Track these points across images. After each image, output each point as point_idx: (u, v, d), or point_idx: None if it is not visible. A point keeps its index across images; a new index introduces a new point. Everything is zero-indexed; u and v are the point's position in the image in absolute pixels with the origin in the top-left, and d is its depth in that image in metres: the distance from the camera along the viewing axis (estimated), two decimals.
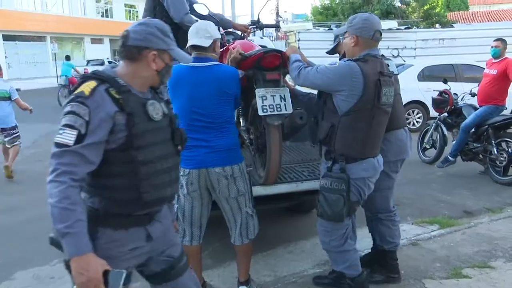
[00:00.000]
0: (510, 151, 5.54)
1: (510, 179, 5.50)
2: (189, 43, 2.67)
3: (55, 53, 28.12)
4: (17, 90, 7.17)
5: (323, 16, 28.27)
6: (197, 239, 2.86)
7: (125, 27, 1.77)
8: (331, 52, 3.34)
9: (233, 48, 3.01)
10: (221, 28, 3.82)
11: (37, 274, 3.53)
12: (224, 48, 3.46)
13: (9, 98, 6.52)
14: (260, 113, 2.70)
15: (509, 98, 5.91)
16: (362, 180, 2.64)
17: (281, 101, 2.73)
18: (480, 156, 5.87)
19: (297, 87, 3.07)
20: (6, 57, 28.15)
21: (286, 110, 2.73)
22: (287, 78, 3.09)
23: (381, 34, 2.63)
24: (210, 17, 4.07)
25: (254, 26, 3.85)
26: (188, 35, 2.69)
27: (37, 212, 4.90)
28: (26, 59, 30.02)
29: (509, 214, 4.41)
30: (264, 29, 4.33)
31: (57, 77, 26.97)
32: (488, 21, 27.91)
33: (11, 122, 6.59)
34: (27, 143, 8.95)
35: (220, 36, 2.77)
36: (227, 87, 2.65)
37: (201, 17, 3.93)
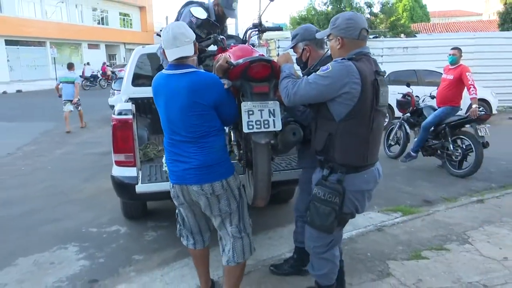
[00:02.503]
0: (464, 147, 5.64)
1: (464, 172, 5.60)
2: (171, 56, 2.19)
3: (54, 57, 27.69)
4: (19, 91, 8.23)
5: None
6: (201, 244, 2.56)
7: (120, 34, 1.73)
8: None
9: (230, 55, 2.53)
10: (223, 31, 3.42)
11: (38, 260, 3.47)
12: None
13: (73, 82, 9.80)
14: (245, 130, 2.21)
15: (464, 100, 6.01)
16: (361, 193, 2.23)
17: (269, 117, 2.23)
18: (439, 151, 5.96)
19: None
20: (8, 60, 27.61)
21: (274, 127, 2.23)
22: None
23: (367, 32, 2.22)
24: (208, 21, 3.54)
25: (256, 29, 3.27)
26: (163, 43, 2.23)
27: (35, 205, 4.83)
28: (27, 63, 29.41)
29: (463, 202, 4.49)
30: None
31: (56, 79, 26.54)
32: (447, 31, 28.38)
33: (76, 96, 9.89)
34: (27, 139, 8.79)
35: (194, 36, 2.28)
36: (200, 97, 2.14)
37: (200, 21, 3.50)
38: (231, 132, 2.95)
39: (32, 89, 23.06)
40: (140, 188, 3.18)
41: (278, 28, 3.90)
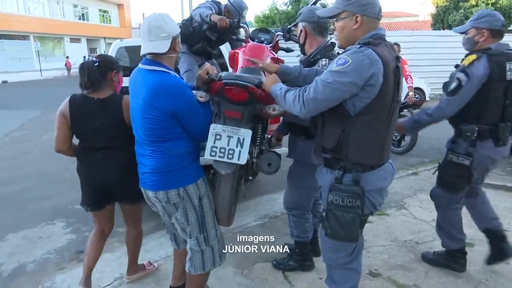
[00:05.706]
0: None
1: (402, 149, 5.78)
2: (143, 50, 1.77)
3: (38, 50, 26.25)
4: (5, 82, 7.37)
5: (264, 23, 28.05)
6: (183, 244, 2.12)
7: (100, 29, 1.60)
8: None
9: (242, 52, 2.12)
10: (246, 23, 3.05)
11: (27, 235, 3.33)
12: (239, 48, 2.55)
13: None
14: (207, 155, 1.79)
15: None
16: (379, 191, 1.75)
17: (236, 146, 1.78)
18: None
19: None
20: None
21: (238, 160, 1.78)
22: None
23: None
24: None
25: (282, 34, 2.64)
26: (140, 35, 1.80)
27: (23, 185, 4.62)
28: (11, 55, 27.65)
29: (401, 175, 4.64)
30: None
31: (40, 71, 25.20)
32: (389, 30, 28.87)
33: None
34: (14, 126, 8.35)
35: (179, 31, 1.83)
36: (157, 101, 1.71)
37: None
38: None
39: (17, 79, 21.74)
40: None
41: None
